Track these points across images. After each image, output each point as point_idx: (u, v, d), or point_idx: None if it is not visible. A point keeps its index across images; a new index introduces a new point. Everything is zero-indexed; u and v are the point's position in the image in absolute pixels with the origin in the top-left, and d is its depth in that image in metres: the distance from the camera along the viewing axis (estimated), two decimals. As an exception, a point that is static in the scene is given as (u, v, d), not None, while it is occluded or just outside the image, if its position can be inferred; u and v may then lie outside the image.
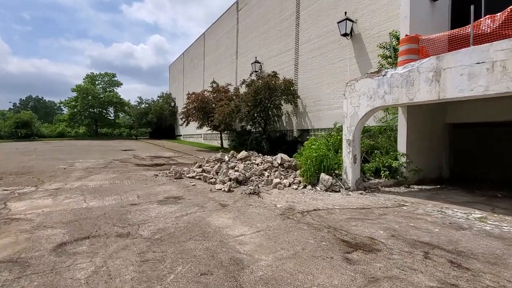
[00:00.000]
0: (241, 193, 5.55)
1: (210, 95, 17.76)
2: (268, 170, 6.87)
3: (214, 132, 19.35)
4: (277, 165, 7.02)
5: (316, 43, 12.13)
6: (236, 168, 6.90)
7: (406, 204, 4.84)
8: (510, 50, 3.78)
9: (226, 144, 19.32)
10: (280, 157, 7.11)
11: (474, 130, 8.10)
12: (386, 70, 5.49)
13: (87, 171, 8.44)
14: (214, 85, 18.39)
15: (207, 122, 17.02)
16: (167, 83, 39.90)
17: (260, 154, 8.37)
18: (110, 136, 48.84)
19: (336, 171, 6.26)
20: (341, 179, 6.08)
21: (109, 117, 49.49)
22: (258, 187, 5.88)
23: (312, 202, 4.90)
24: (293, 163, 7.04)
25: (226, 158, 8.00)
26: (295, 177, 6.54)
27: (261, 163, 7.21)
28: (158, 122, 34.31)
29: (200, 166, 7.93)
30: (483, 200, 5.24)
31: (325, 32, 11.68)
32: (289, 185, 6.16)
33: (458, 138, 8.22)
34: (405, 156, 6.73)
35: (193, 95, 17.98)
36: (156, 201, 4.87)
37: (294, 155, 7.64)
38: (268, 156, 7.94)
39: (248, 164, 7.29)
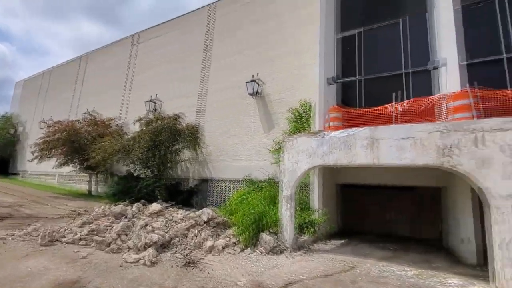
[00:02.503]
0: (172, 265, 4.10)
1: (84, 127, 14.22)
2: (193, 229, 5.58)
3: (81, 173, 15.10)
4: (202, 222, 5.85)
5: (225, 94, 12.32)
6: (151, 227, 5.24)
7: (355, 266, 4.88)
8: (427, 132, 4.87)
9: (96, 189, 15.33)
10: (206, 212, 6.00)
11: (358, 190, 9.83)
12: (324, 132, 5.94)
13: None
14: (89, 116, 14.99)
15: (77, 160, 13.18)
16: (9, 102, 29.73)
17: (180, 206, 6.87)
18: None
19: (271, 229, 5.80)
20: (277, 238, 5.64)
21: None
22: (189, 254, 4.56)
23: (270, 271, 4.15)
24: (221, 220, 6.07)
25: (129, 212, 6.06)
26: (228, 237, 5.57)
27: (183, 219, 5.83)
28: (-18, 152, 23.91)
29: (85, 224, 5.60)
30: (394, 254, 6.04)
31: (234, 86, 12.13)
32: (224, 248, 5.14)
33: (347, 196, 9.71)
34: (323, 212, 7.16)
35: (57, 124, 13.84)
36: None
37: (222, 208, 6.70)
38: (187, 211, 6.58)
39: (165, 221, 5.73)
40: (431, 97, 6.35)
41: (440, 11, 8.18)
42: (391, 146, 5.09)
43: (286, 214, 5.74)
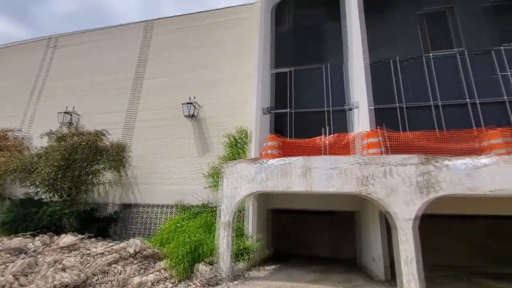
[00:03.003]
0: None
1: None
2: (116, 264, 4.90)
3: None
4: (128, 255, 5.19)
5: (159, 114, 11.74)
6: (61, 265, 4.40)
7: (289, 290, 5.04)
8: (349, 163, 5.63)
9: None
10: (134, 243, 5.36)
11: (286, 215, 10.37)
12: (263, 159, 6.22)
13: None
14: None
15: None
16: None
17: (99, 238, 5.91)
18: None
19: (207, 259, 5.56)
20: (213, 268, 5.42)
21: None
22: (114, 294, 3.98)
23: (210, 304, 3.93)
24: (151, 251, 5.50)
25: (31, 246, 4.97)
26: (159, 271, 5.07)
27: (103, 253, 5.06)
28: None
29: (-37, 266, 4.32)
30: (321, 276, 6.48)
31: (169, 106, 11.70)
32: (154, 285, 4.65)
33: (277, 221, 10.12)
34: (257, 238, 7.26)
35: None
36: None
37: (153, 238, 6.07)
38: (110, 242, 5.74)
39: (81, 256, 4.88)
40: (351, 134, 7.40)
41: (353, 64, 9.86)
42: (322, 175, 5.68)
43: (223, 242, 5.62)
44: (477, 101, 9.17)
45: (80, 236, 5.67)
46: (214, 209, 8.23)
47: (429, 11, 10.63)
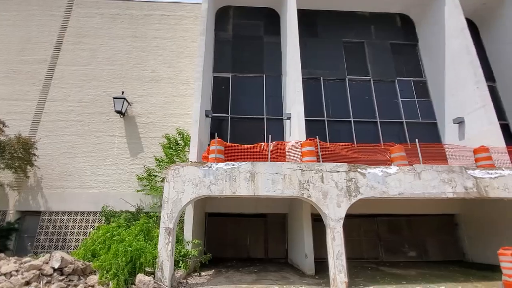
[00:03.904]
0: None
1: None
2: (38, 282, 4.11)
3: None
4: (52, 271, 4.39)
5: (77, 107, 10.23)
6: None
7: (235, 291, 5.11)
8: (291, 169, 6.14)
9: None
10: (58, 257, 4.54)
11: (221, 218, 10.39)
12: (211, 163, 6.18)
13: None
14: None
15: None
16: None
17: (13, 257, 4.73)
18: None
19: (147, 269, 5.17)
20: (154, 278, 5.08)
21: None
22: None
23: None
24: (80, 265, 4.77)
25: None
26: (91, 286, 4.46)
27: (18, 271, 4.15)
28: None
29: None
30: (260, 276, 6.77)
31: (92, 100, 10.37)
32: (87, 302, 4.10)
33: (212, 225, 10.05)
34: (195, 243, 7.10)
35: None
36: None
37: (77, 250, 5.23)
38: (23, 257, 4.69)
39: (-15, 277, 3.90)
40: (291, 141, 8.03)
41: (290, 78, 10.73)
42: (267, 180, 6.02)
43: (166, 248, 5.32)
44: (379, 120, 11.26)
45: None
46: (151, 214, 7.68)
47: (351, 40, 12.49)
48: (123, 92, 10.07)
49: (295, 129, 9.61)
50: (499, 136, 8.89)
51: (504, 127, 10.60)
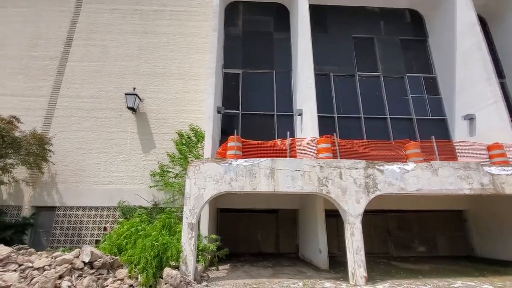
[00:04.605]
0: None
1: None
2: (70, 276, 4.20)
3: None
4: (82, 265, 4.48)
5: (89, 103, 10.25)
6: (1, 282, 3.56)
7: (259, 287, 5.21)
8: (310, 166, 6.20)
9: None
10: (88, 251, 4.63)
11: (233, 214, 10.50)
12: (231, 159, 6.24)
13: None
14: None
15: None
16: None
17: (44, 252, 4.83)
18: None
19: (172, 263, 5.27)
20: (179, 272, 5.17)
21: None
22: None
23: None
24: (108, 259, 4.86)
25: None
26: (120, 280, 4.56)
27: (50, 265, 4.24)
28: None
29: None
30: (276, 270, 6.87)
31: (105, 96, 10.39)
32: (118, 295, 4.19)
33: (224, 220, 10.16)
34: (212, 238, 7.19)
35: None
36: None
37: (100, 245, 5.33)
38: (53, 252, 4.77)
39: (22, 270, 3.99)
40: (306, 138, 8.07)
41: (302, 74, 10.73)
42: (287, 176, 6.08)
43: (190, 243, 5.41)
44: (389, 117, 11.30)
45: (15, 246, 4.56)
46: (166, 209, 7.77)
47: (360, 35, 12.46)
48: (134, 88, 10.08)
49: (308, 125, 9.64)
50: (510, 133, 8.95)
51: (515, 124, 10.66)
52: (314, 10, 12.07)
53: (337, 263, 7.63)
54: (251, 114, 11.12)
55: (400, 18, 13.08)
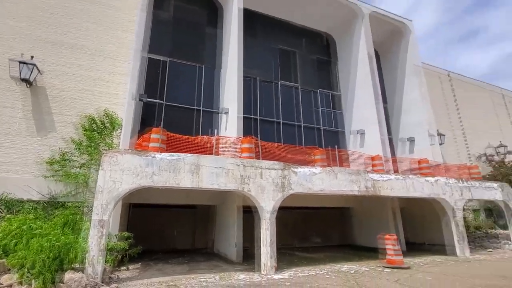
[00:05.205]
0: None
1: None
2: None
3: None
4: None
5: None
6: None
7: (175, 284, 5.12)
8: (234, 164, 6.48)
9: None
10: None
11: (147, 209, 9.86)
12: (154, 153, 5.90)
13: None
14: None
15: None
16: None
17: None
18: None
19: (75, 265, 4.66)
20: (84, 274, 4.62)
21: None
22: None
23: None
24: (-15, 265, 3.91)
25: None
26: (8, 286, 3.77)
27: None
28: None
29: None
30: (192, 266, 6.87)
31: (-17, 59, 8.19)
32: (2, 306, 3.50)
33: (136, 216, 9.44)
34: (122, 236, 6.65)
35: None
36: None
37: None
38: None
39: None
40: (229, 137, 8.32)
41: (229, 73, 10.98)
42: (212, 173, 6.19)
43: (99, 243, 4.87)
44: (303, 125, 12.77)
45: None
46: (75, 204, 6.75)
47: (285, 47, 13.58)
48: (32, 57, 8.29)
49: (233, 124, 9.95)
50: (387, 148, 11.45)
51: (390, 140, 13.63)
52: (246, 14, 12.48)
53: (249, 256, 8.17)
54: (175, 106, 10.69)
55: (319, 39, 14.88)
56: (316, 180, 7.39)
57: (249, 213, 9.50)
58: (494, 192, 10.01)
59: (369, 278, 5.75)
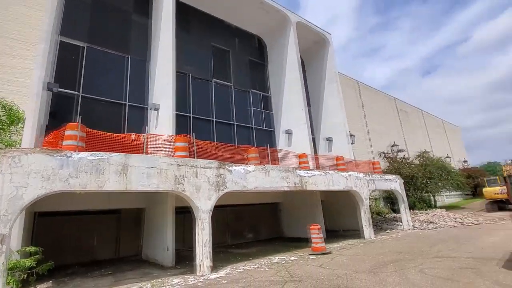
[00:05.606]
0: None
1: None
2: None
3: None
4: None
5: None
6: None
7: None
8: (168, 164, 6.16)
9: None
10: None
11: (57, 218, 8.46)
12: (70, 152, 5.10)
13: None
14: None
15: None
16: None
17: None
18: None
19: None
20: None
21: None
22: None
23: None
24: None
25: None
26: None
27: None
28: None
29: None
30: (116, 278, 6.23)
31: None
32: None
33: (43, 226, 8.00)
34: (24, 252, 5.59)
35: None
36: None
37: None
38: None
39: None
40: (161, 134, 7.85)
41: (159, 67, 10.34)
42: (142, 173, 5.73)
43: (-5, 262, 3.98)
44: (235, 123, 13.00)
45: None
46: None
47: (219, 46, 13.53)
48: None
49: (164, 122, 9.43)
50: (311, 146, 12.61)
51: (313, 140, 15.04)
52: (180, 7, 11.94)
53: (182, 258, 7.91)
54: (94, 99, 9.51)
55: (251, 41, 15.30)
56: (250, 178, 7.62)
57: (181, 214, 9.20)
58: (391, 183, 12.12)
59: (298, 266, 6.27)
